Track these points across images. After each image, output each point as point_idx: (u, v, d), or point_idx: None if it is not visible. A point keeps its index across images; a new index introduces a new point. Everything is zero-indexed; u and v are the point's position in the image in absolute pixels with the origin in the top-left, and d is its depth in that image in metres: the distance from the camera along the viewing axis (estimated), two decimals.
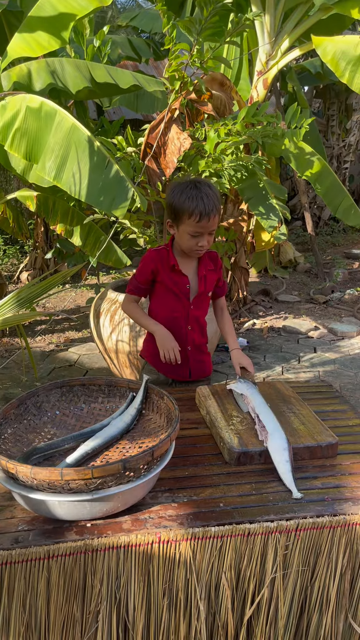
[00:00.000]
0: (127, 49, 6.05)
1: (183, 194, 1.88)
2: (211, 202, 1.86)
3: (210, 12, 3.18)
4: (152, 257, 2.02)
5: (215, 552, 1.30)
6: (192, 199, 1.86)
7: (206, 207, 1.85)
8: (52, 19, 3.23)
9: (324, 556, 1.35)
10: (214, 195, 1.89)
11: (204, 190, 1.87)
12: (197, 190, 1.86)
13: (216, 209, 1.89)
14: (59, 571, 1.24)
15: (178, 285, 2.03)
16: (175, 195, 1.90)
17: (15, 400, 1.55)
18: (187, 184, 1.90)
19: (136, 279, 2.08)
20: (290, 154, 4.27)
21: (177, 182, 1.95)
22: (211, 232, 1.93)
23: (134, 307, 2.09)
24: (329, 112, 9.03)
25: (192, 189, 1.87)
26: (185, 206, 1.87)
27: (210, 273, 2.08)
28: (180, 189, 1.90)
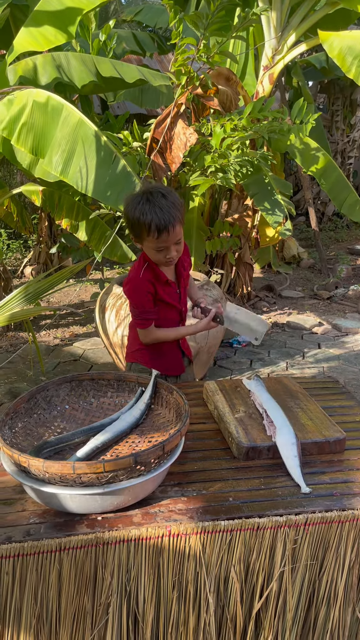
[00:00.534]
0: (132, 43, 6.03)
1: (136, 210, 1.74)
2: (167, 214, 1.72)
3: (217, 6, 3.18)
4: (148, 279, 1.91)
5: (225, 546, 1.31)
6: (145, 214, 1.72)
7: (162, 220, 1.72)
8: (58, 13, 3.22)
9: (332, 550, 1.36)
10: (170, 204, 1.73)
11: (157, 202, 1.72)
12: (149, 204, 1.72)
13: (175, 218, 1.74)
14: (70, 564, 1.25)
15: (170, 295, 2.00)
16: (129, 211, 1.77)
17: (25, 394, 1.56)
18: (139, 198, 1.76)
19: (146, 309, 1.94)
20: (295, 149, 4.27)
21: (130, 196, 1.81)
22: (177, 242, 1.81)
23: (160, 332, 2.01)
24: (333, 107, 9.00)
25: (145, 203, 1.73)
26: (141, 222, 1.74)
27: (187, 267, 2.05)
28: (133, 204, 1.76)
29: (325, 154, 4.27)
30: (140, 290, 1.91)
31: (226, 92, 3.87)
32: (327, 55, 6.57)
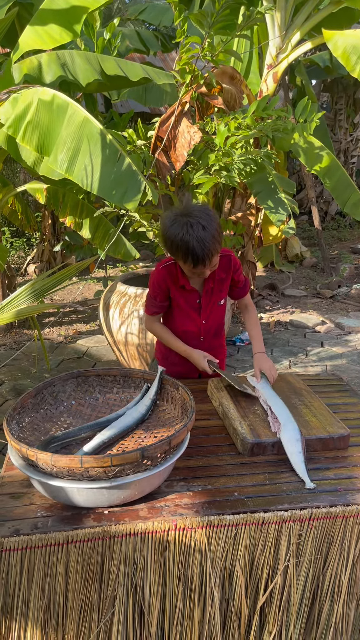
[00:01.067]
0: (136, 41, 6.03)
1: (175, 237, 1.71)
2: (205, 249, 1.69)
3: (222, 5, 3.18)
4: (163, 276, 1.94)
5: (230, 540, 1.32)
6: (184, 246, 1.70)
7: (199, 256, 1.70)
8: (64, 11, 3.23)
9: (336, 545, 1.37)
10: (210, 237, 1.69)
11: (197, 234, 1.68)
12: (189, 236, 1.68)
13: (212, 252, 1.71)
14: (77, 556, 1.27)
15: (188, 301, 1.98)
16: (169, 234, 1.74)
17: (32, 389, 1.57)
18: (178, 224, 1.71)
19: (153, 298, 2.00)
20: (299, 148, 4.27)
21: (170, 217, 1.76)
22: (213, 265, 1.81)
23: (160, 328, 2.06)
24: (336, 106, 8.99)
25: (184, 234, 1.69)
26: (179, 252, 1.73)
27: (220, 282, 1.97)
28: (173, 230, 1.72)
29: (329, 153, 4.27)
30: (154, 279, 1.97)
31: (230, 90, 3.87)
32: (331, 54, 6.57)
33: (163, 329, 2.06)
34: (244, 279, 2.07)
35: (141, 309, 3.35)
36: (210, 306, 2.01)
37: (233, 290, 2.07)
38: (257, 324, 2.10)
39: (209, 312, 2.02)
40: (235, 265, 1.99)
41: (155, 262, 6.89)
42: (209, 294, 1.97)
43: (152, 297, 2.01)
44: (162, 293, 1.97)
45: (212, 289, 1.97)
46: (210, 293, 1.98)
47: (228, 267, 1.97)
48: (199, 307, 1.99)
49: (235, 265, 1.99)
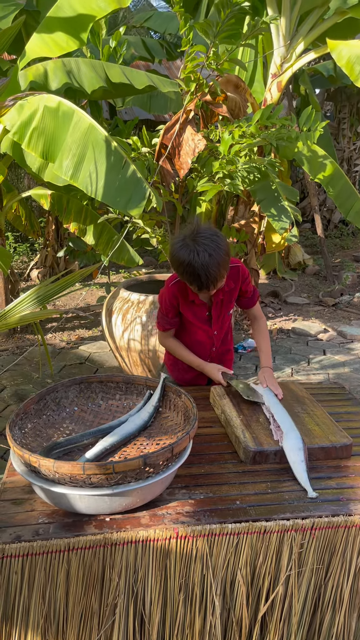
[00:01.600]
0: (141, 49, 6.08)
1: (183, 262, 1.71)
2: (210, 276, 1.70)
3: (227, 14, 3.20)
4: (173, 292, 1.95)
5: (232, 549, 1.32)
6: (190, 272, 1.71)
7: (204, 283, 1.72)
8: (70, 19, 3.25)
9: (338, 555, 1.37)
10: (216, 264, 1.69)
11: (202, 261, 1.67)
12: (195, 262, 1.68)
13: (217, 278, 1.72)
14: (78, 564, 1.26)
15: (197, 315, 1.99)
16: (176, 259, 1.74)
17: (35, 395, 1.58)
18: (188, 250, 1.70)
19: (165, 315, 2.02)
20: (302, 156, 4.28)
21: (179, 239, 1.75)
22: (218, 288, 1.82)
23: (174, 344, 2.06)
24: (340, 115, 9.03)
25: (192, 261, 1.68)
26: (185, 277, 1.75)
27: (228, 294, 1.98)
28: (181, 255, 1.71)
29: (333, 162, 4.28)
30: (165, 296, 1.98)
31: (235, 99, 3.89)
32: (335, 64, 6.60)
33: (176, 343, 2.06)
34: (253, 288, 2.07)
35: (144, 316, 3.35)
36: (220, 318, 2.02)
37: (241, 300, 2.07)
38: (267, 338, 2.09)
39: (220, 323, 2.03)
40: (244, 275, 1.99)
41: (158, 268, 6.91)
42: (219, 305, 1.98)
43: (164, 314, 2.02)
44: (173, 309, 1.99)
45: (222, 300, 1.98)
46: (220, 305, 1.99)
47: (237, 277, 1.97)
48: (209, 318, 2.01)
49: (244, 275, 1.99)
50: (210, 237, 1.72)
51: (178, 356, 2.08)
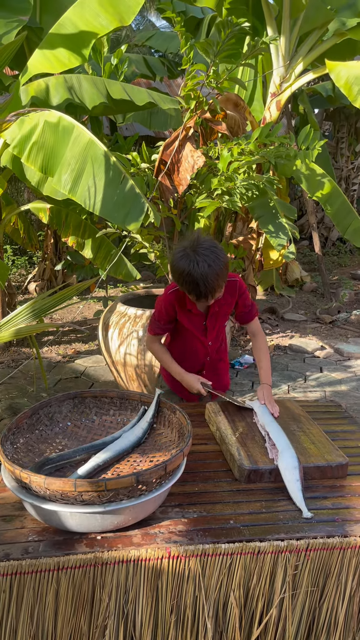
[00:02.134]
0: (142, 66, 6.15)
1: (183, 273, 1.74)
2: (208, 286, 1.73)
3: (228, 34, 3.24)
4: (171, 300, 1.98)
5: (225, 570, 1.29)
6: (189, 281, 1.74)
7: (202, 292, 1.75)
8: (73, 36, 3.29)
9: (333, 577, 1.34)
10: (214, 275, 1.72)
11: (201, 272, 1.71)
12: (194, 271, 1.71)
13: (215, 289, 1.75)
14: (68, 583, 1.24)
15: (194, 323, 2.01)
16: (176, 268, 1.77)
17: (28, 409, 1.56)
18: (187, 260, 1.73)
19: (157, 320, 2.04)
20: (301, 174, 4.32)
21: (180, 249, 1.79)
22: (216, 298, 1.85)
23: (159, 349, 2.09)
24: (338, 134, 9.12)
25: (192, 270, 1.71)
26: (184, 285, 1.78)
27: (224, 306, 2.00)
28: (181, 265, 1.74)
29: (331, 180, 4.31)
30: (162, 303, 2.01)
31: (234, 117, 3.93)
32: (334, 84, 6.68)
33: (161, 349, 2.10)
34: (251, 303, 2.07)
35: (140, 330, 3.34)
36: (216, 329, 2.04)
37: (239, 314, 2.08)
38: (267, 354, 2.07)
39: (215, 334, 2.06)
40: (241, 289, 2.01)
41: (156, 283, 6.91)
42: (214, 317, 2.01)
43: (156, 319, 2.05)
44: (167, 316, 2.02)
45: (217, 312, 2.00)
46: (216, 316, 2.01)
47: (234, 291, 1.99)
48: (205, 329, 2.03)
49: (241, 289, 2.01)
50: (210, 248, 1.75)
51: (160, 361, 2.10)
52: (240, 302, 2.03)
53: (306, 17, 4.12)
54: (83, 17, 3.31)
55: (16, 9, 3.44)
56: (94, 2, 3.31)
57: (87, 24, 3.26)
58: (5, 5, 3.56)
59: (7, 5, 3.55)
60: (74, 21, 3.30)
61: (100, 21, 3.26)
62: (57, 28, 3.36)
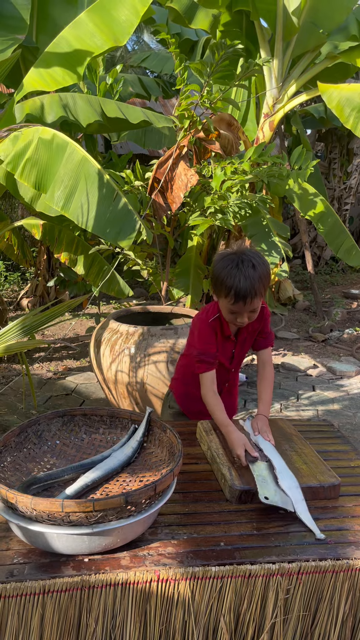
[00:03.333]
0: (137, 86, 6.23)
1: (223, 271, 1.74)
2: (249, 285, 1.71)
3: (222, 56, 3.29)
4: (214, 328, 1.91)
5: (215, 594, 1.26)
6: (230, 278, 1.72)
7: (242, 290, 1.71)
8: (67, 55, 3.33)
9: (325, 602, 1.31)
10: (257, 277, 1.72)
11: (244, 271, 1.71)
12: (237, 270, 1.71)
13: (256, 292, 1.73)
14: (53, 607, 1.20)
15: (224, 350, 1.97)
16: (217, 267, 1.77)
17: (16, 427, 1.53)
18: (231, 259, 1.75)
19: (208, 353, 1.89)
20: (293, 194, 4.35)
21: (223, 253, 1.80)
22: (252, 310, 1.80)
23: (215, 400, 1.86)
24: (330, 155, 9.25)
25: (233, 267, 1.72)
26: (224, 284, 1.74)
27: (252, 333, 1.98)
28: (223, 264, 1.75)
29: (323, 200, 4.36)
30: (204, 332, 1.91)
31: (227, 136, 3.97)
32: (326, 106, 6.79)
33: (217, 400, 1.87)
34: (269, 331, 2.03)
35: (132, 347, 3.32)
36: (241, 355, 2.03)
37: (257, 340, 2.03)
38: (271, 387, 1.99)
39: (238, 360, 2.04)
40: (265, 315, 1.97)
41: (149, 300, 6.91)
42: (242, 344, 1.98)
43: (205, 352, 1.89)
44: (214, 345, 1.91)
45: (245, 339, 1.97)
46: (243, 343, 1.98)
47: (261, 317, 1.94)
48: (232, 355, 2.00)
49: (265, 314, 1.97)
50: (254, 253, 1.77)
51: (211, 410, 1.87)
52: (262, 328, 2.00)
53: (299, 40, 4.19)
54: (78, 36, 3.35)
55: (12, 28, 3.49)
56: (89, 23, 3.35)
57: (82, 44, 3.30)
58: (2, 23, 3.60)
59: (2, 24, 3.59)
60: (69, 40, 3.33)
61: (95, 41, 3.30)
62: (53, 47, 3.39)
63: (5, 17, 3.60)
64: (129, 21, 3.18)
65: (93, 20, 3.32)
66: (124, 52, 15.06)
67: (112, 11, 3.27)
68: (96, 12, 3.33)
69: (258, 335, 2.02)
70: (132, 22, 3.18)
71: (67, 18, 4.24)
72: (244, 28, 4.41)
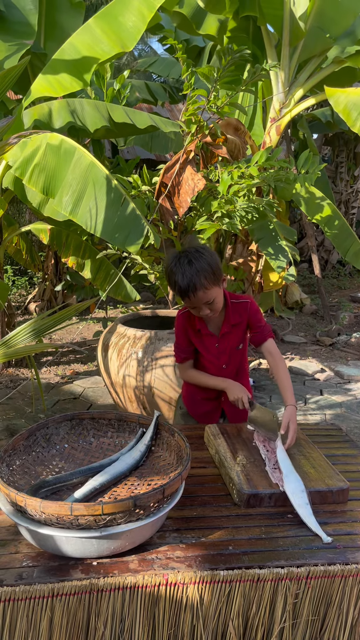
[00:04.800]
0: (144, 92, 6.26)
1: (167, 269, 1.83)
2: (188, 282, 1.75)
3: (229, 61, 3.30)
4: (183, 322, 2.02)
5: (223, 598, 1.26)
6: (172, 275, 1.80)
7: (182, 286, 1.77)
8: (75, 62, 3.35)
9: (334, 606, 1.31)
10: (194, 271, 1.75)
11: (181, 269, 1.76)
12: (176, 267, 1.78)
13: (196, 286, 1.75)
14: (62, 611, 1.20)
15: (206, 345, 2.02)
16: (165, 267, 1.87)
17: (25, 431, 1.54)
18: (172, 257, 1.82)
19: (179, 345, 2.07)
20: (300, 197, 4.35)
21: (171, 253, 1.87)
22: (207, 302, 1.82)
23: (194, 373, 2.08)
24: (337, 159, 9.24)
25: (173, 266, 1.80)
26: (169, 282, 1.82)
27: (236, 327, 2.00)
28: (167, 262, 1.84)
29: (330, 203, 4.35)
30: (176, 327, 2.05)
31: (234, 141, 3.98)
32: (332, 110, 6.79)
33: (196, 372, 2.08)
34: (263, 324, 2.05)
35: (140, 351, 3.33)
36: (228, 351, 2.03)
37: (252, 336, 2.06)
38: (287, 373, 2.01)
39: (228, 356, 2.04)
40: (252, 310, 2.00)
41: (155, 304, 6.92)
42: (225, 338, 2.00)
43: (177, 345, 2.08)
44: (185, 339, 2.04)
45: (229, 333, 2.00)
46: (227, 337, 2.00)
47: (243, 312, 1.99)
48: (218, 351, 2.02)
49: (252, 309, 2.00)
50: (195, 248, 1.82)
51: (202, 383, 2.06)
52: (252, 322, 2.02)
53: (305, 45, 4.20)
54: (85, 42, 3.38)
55: (20, 33, 3.52)
56: (96, 29, 3.38)
57: (90, 50, 3.33)
58: (10, 29, 3.64)
59: (11, 30, 3.63)
60: (77, 46, 3.36)
61: (103, 47, 3.33)
62: (60, 53, 3.42)
63: (13, 23, 3.63)
64: (136, 27, 3.20)
65: (100, 27, 3.34)
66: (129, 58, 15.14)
67: (119, 17, 3.29)
68: (103, 18, 3.36)
69: (251, 330, 2.04)
70: (139, 28, 3.20)
71: (74, 24, 4.28)
72: (250, 33, 4.42)
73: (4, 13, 3.71)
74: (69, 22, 4.45)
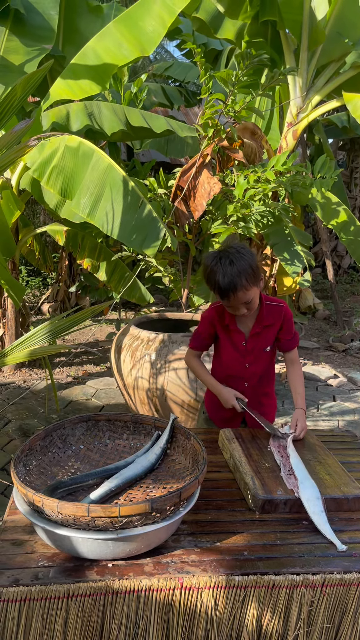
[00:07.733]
0: (160, 96, 6.28)
1: (207, 270, 1.80)
2: (229, 282, 1.75)
3: (247, 66, 3.31)
4: (212, 315, 2.01)
5: (238, 603, 1.26)
6: (212, 275, 1.78)
7: (223, 287, 1.76)
8: (95, 66, 3.38)
9: (350, 615, 1.30)
10: (235, 272, 1.74)
11: (222, 269, 1.75)
12: (217, 267, 1.77)
13: (236, 286, 1.75)
14: (77, 612, 1.21)
15: (234, 342, 2.00)
16: (204, 266, 1.83)
17: (41, 431, 1.55)
18: (212, 257, 1.80)
19: (199, 334, 2.08)
20: (316, 202, 4.34)
21: (210, 252, 1.85)
22: (245, 302, 1.83)
23: (197, 363, 2.11)
24: (352, 164, 9.21)
25: (214, 265, 1.78)
26: (209, 282, 1.82)
27: (267, 329, 1.98)
28: (207, 263, 1.81)
29: (346, 209, 4.33)
30: (204, 317, 2.06)
31: (251, 145, 3.98)
32: (349, 115, 6.77)
33: (199, 363, 2.12)
34: (295, 332, 2.05)
35: (153, 354, 3.34)
36: (255, 351, 2.01)
37: (281, 341, 2.05)
38: (302, 381, 2.08)
39: (254, 357, 2.02)
40: (287, 316, 2.00)
41: (168, 307, 6.93)
42: (255, 337, 1.99)
43: (198, 332, 2.09)
44: (208, 331, 2.05)
45: (259, 333, 1.99)
46: (257, 337, 1.99)
47: (278, 316, 1.99)
48: (245, 350, 2.00)
49: (287, 315, 2.00)
50: (235, 248, 1.81)
51: (197, 375, 2.12)
52: (285, 328, 2.01)
53: (324, 50, 4.19)
54: (105, 47, 3.40)
55: (40, 37, 3.55)
56: (116, 33, 3.40)
57: (109, 54, 3.35)
58: (30, 33, 3.67)
59: (31, 34, 3.66)
60: (97, 51, 3.38)
61: (122, 51, 3.35)
62: (80, 57, 3.45)
63: (34, 27, 3.67)
64: (156, 31, 3.22)
65: (120, 31, 3.37)
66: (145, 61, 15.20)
67: (139, 22, 3.31)
68: (123, 22, 3.38)
69: (282, 336, 2.03)
70: (159, 32, 3.22)
71: (93, 29, 4.31)
72: (269, 38, 4.42)
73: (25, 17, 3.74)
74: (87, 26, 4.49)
